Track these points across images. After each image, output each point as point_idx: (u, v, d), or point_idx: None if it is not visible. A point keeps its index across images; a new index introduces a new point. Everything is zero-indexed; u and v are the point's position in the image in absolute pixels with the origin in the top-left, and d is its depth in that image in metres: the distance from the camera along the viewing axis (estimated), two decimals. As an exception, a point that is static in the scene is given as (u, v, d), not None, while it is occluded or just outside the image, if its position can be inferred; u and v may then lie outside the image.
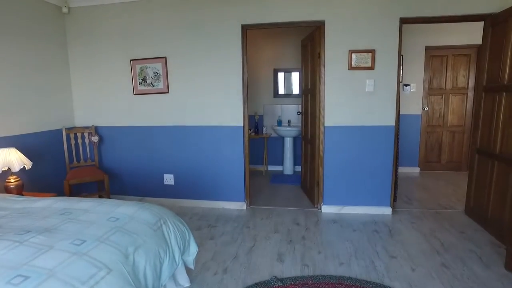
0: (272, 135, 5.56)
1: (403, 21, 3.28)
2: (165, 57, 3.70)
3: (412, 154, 5.35)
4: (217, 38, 3.57)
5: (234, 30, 3.52)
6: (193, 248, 2.25)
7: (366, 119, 3.43)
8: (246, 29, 3.58)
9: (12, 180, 2.91)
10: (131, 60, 3.79)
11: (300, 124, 5.23)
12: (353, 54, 3.31)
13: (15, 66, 3.28)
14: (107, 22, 3.81)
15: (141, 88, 3.84)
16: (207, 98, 3.71)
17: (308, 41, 3.94)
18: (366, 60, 3.30)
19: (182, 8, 3.60)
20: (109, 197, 3.70)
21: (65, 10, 3.80)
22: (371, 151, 3.47)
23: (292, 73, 5.47)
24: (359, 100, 3.41)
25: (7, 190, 2.88)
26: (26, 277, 1.36)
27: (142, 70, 3.78)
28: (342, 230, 3.19)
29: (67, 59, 3.97)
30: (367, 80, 3.35)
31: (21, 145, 3.21)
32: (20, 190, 2.93)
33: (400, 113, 3.65)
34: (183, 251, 2.14)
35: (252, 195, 4.10)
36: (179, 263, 2.05)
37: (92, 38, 3.88)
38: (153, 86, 3.80)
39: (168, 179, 3.98)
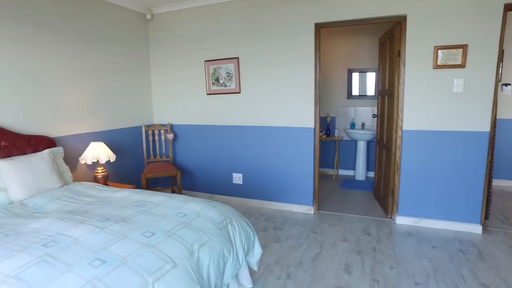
0: (344, 138, 5.32)
1: (509, 7, 2.80)
2: (237, 58, 3.76)
3: (511, 165, 4.63)
4: (289, 37, 3.51)
5: (307, 29, 3.42)
6: (257, 250, 2.22)
7: (452, 123, 3.05)
8: (320, 28, 3.46)
9: (99, 171, 3.22)
10: (205, 61, 3.94)
11: (374, 128, 4.92)
12: (439, 50, 2.97)
13: (105, 70, 3.65)
14: (184, 26, 4.02)
15: (214, 88, 3.97)
16: (278, 98, 3.67)
17: (386, 38, 3.66)
18: (456, 57, 2.92)
19: (254, 9, 3.62)
20: (180, 192, 3.89)
21: (148, 17, 4.12)
22: (458, 159, 3.08)
23: (367, 73, 5.15)
24: (444, 102, 3.05)
25: (96, 180, 3.20)
26: (104, 261, 1.47)
27: (215, 70, 3.90)
28: (419, 245, 2.88)
29: (148, 62, 4.29)
30: (455, 80, 2.98)
31: (107, 140, 3.56)
32: (105, 180, 3.23)
33: (497, 118, 3.17)
34: (247, 252, 2.13)
35: (320, 200, 3.96)
36: (242, 263, 2.04)
37: (171, 42, 4.13)
38: (225, 86, 3.90)
39: (237, 178, 4.05)
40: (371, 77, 5.14)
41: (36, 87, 2.95)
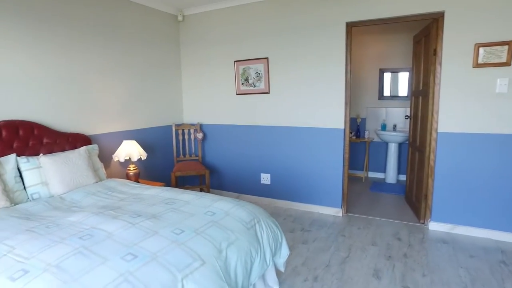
0: (374, 140, 5.18)
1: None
2: (267, 58, 3.76)
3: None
4: (320, 37, 3.46)
5: (338, 28, 3.36)
6: (284, 251, 2.20)
7: (493, 125, 2.88)
8: (351, 27, 3.38)
9: (131, 168, 3.32)
10: (235, 61, 3.97)
11: (407, 129, 4.75)
12: (480, 48, 2.81)
13: (138, 70, 3.76)
14: (215, 27, 4.07)
15: (243, 88, 3.99)
16: (308, 98, 3.63)
17: (421, 37, 3.52)
18: (500, 54, 2.75)
19: (284, 9, 3.60)
20: (209, 191, 3.94)
21: (180, 18, 4.21)
22: (500, 163, 2.90)
23: (399, 73, 4.99)
24: (484, 103, 2.89)
25: (128, 177, 3.31)
26: (135, 256, 1.52)
27: (245, 70, 3.92)
28: (455, 254, 2.74)
29: (179, 62, 4.38)
30: (498, 79, 2.81)
31: (139, 138, 3.67)
32: (137, 178, 3.33)
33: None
34: (275, 252, 2.12)
35: (349, 202, 3.87)
36: (269, 264, 2.03)
37: (201, 42, 4.19)
38: (254, 86, 3.90)
39: (265, 178, 4.04)
40: (403, 77, 4.97)
41: (73, 88, 3.09)
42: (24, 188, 2.46)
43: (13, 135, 2.57)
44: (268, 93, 3.84)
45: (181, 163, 4.03)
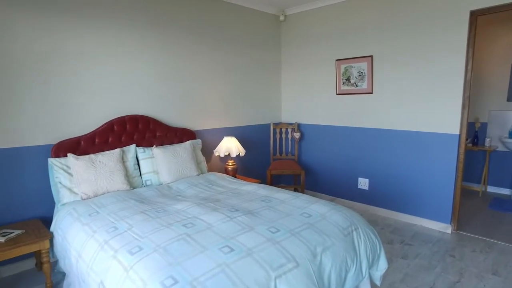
0: (497, 149, 4.42)
1: None
2: (371, 56, 3.52)
3: None
4: (434, 30, 3.08)
5: (458, 19, 2.93)
6: (382, 264, 2.03)
7: None
8: (476, 16, 2.92)
9: (230, 164, 3.49)
10: (336, 60, 3.83)
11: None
12: None
13: (239, 70, 3.92)
14: (316, 25, 3.99)
15: (344, 88, 3.82)
16: (416, 100, 3.28)
17: None
18: None
19: (392, 2, 3.31)
20: (303, 192, 3.89)
21: (281, 18, 4.25)
22: None
23: (539, 69, 4.14)
24: None
25: (226, 171, 3.48)
26: (232, 249, 1.57)
27: (347, 70, 3.75)
28: None
29: (279, 62, 4.43)
30: None
31: (238, 135, 3.82)
32: (234, 173, 3.48)
33: None
34: (371, 264, 1.96)
35: (461, 218, 3.37)
36: (365, 275, 1.89)
37: (302, 41, 4.16)
38: (356, 86, 3.70)
39: (363, 183, 3.81)
40: (543, 75, 4.11)
41: (183, 87, 3.38)
42: (140, 174, 2.79)
43: (134, 128, 2.94)
44: (371, 93, 3.59)
45: (277, 162, 4.07)
